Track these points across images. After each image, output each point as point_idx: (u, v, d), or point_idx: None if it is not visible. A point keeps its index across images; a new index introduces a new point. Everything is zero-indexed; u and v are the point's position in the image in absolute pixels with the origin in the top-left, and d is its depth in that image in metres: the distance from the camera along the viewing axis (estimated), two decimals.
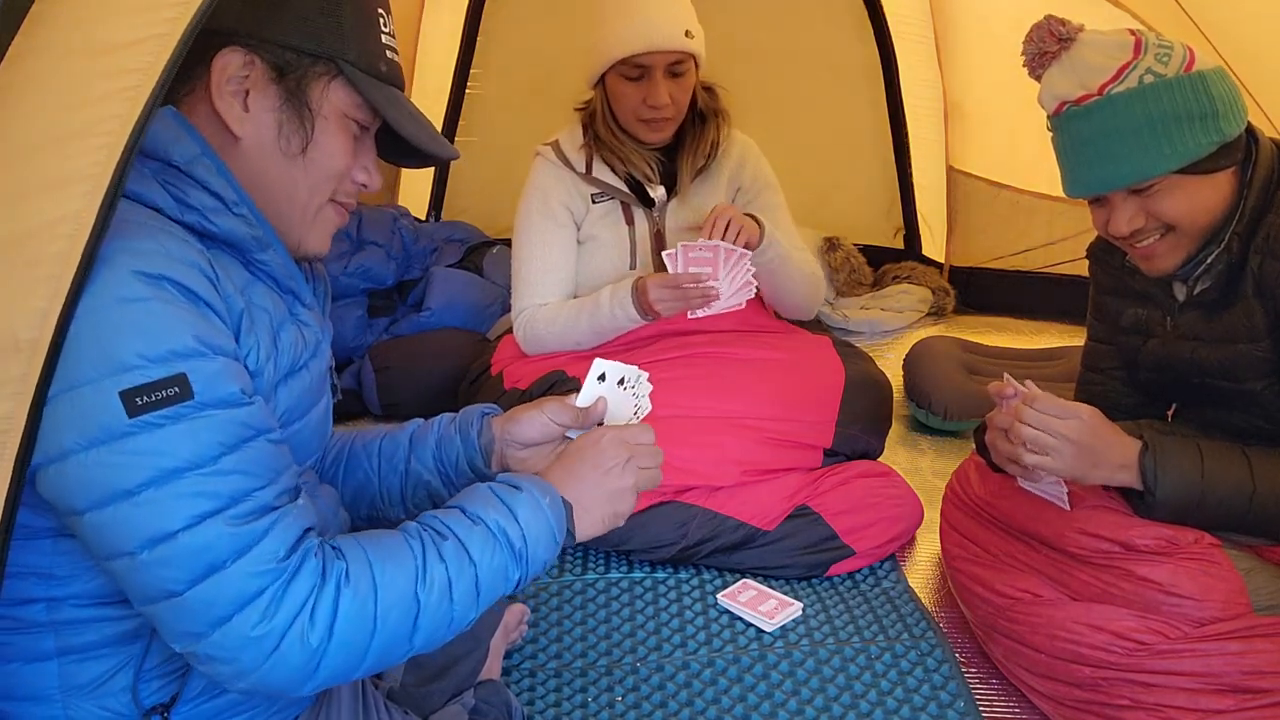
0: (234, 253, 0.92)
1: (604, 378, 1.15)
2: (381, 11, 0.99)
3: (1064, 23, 1.34)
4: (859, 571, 1.85)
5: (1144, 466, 1.34)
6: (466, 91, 3.51)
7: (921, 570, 1.88)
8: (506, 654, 1.56)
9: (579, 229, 2.11)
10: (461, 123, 3.54)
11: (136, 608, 0.84)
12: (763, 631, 1.65)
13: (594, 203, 2.10)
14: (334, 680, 0.87)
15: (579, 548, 1.91)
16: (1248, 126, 1.34)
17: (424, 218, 3.57)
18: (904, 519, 1.90)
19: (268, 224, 0.95)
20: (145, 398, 0.78)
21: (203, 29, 0.79)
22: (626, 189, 2.09)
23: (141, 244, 0.80)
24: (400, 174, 3.56)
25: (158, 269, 0.80)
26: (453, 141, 3.51)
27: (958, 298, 3.40)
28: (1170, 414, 1.62)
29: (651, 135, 2.04)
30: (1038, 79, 1.38)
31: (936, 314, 3.35)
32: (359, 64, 0.96)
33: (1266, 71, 2.03)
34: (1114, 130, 1.29)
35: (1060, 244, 3.22)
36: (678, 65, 1.96)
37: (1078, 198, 1.39)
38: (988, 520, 1.63)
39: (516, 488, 0.98)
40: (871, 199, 3.54)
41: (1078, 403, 1.37)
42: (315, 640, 0.83)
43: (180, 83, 0.92)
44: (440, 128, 3.50)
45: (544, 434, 1.15)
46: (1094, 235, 1.51)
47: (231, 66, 0.91)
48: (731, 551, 1.81)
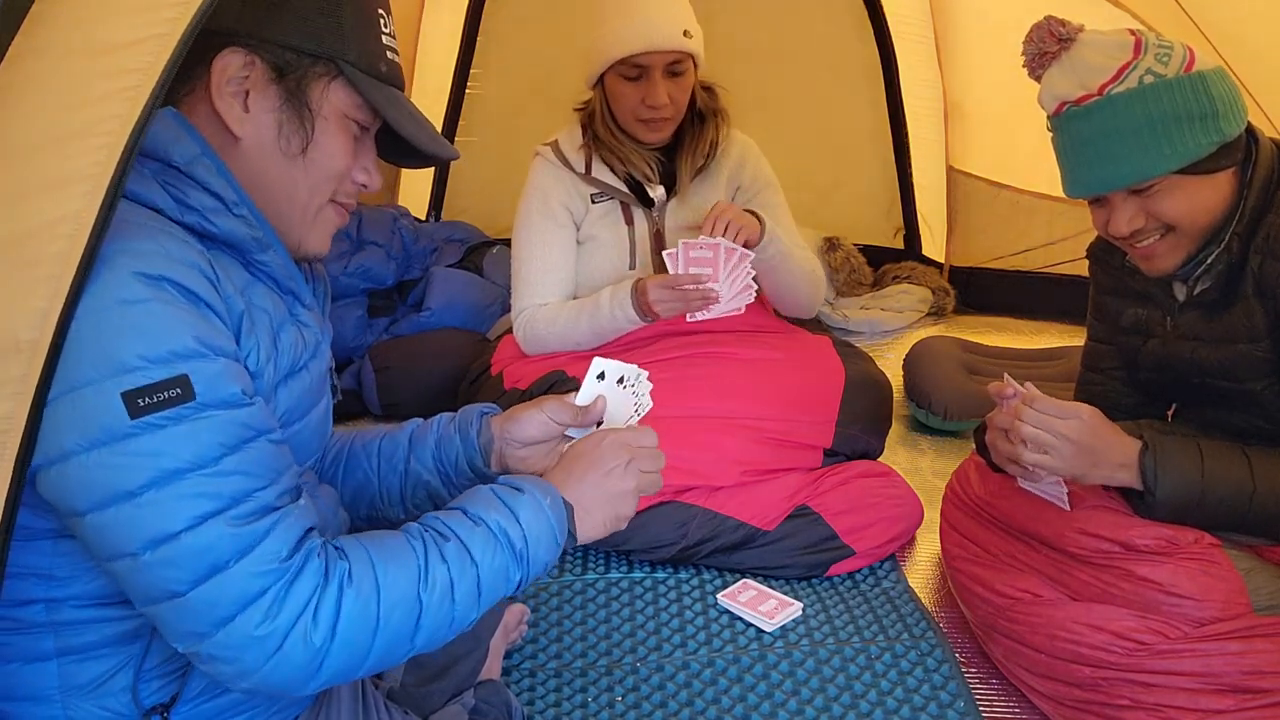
0: (234, 253, 0.92)
1: (603, 376, 1.15)
2: (382, 12, 0.99)
3: (1064, 23, 1.34)
4: (859, 571, 1.85)
5: (1144, 466, 1.34)
6: (466, 91, 3.51)
7: (921, 570, 1.88)
8: (506, 654, 1.56)
9: (578, 229, 2.11)
10: (461, 123, 3.54)
11: (139, 608, 0.84)
12: (763, 631, 1.65)
13: (593, 203, 2.10)
14: (336, 680, 0.87)
15: (579, 548, 1.90)
16: (1248, 126, 1.34)
17: (424, 218, 3.57)
18: (904, 519, 1.90)
19: (268, 224, 0.95)
20: (147, 399, 0.78)
21: (203, 29, 0.79)
22: (626, 189, 2.09)
23: (141, 245, 0.80)
24: (400, 174, 3.56)
25: (158, 270, 0.80)
26: (453, 141, 3.51)
27: (958, 298, 3.40)
28: (1170, 414, 1.62)
29: (651, 135, 2.04)
30: (1038, 79, 1.38)
31: (936, 314, 3.35)
32: (359, 64, 0.96)
33: (1266, 71, 2.03)
34: (1114, 130, 1.29)
35: (1060, 244, 3.22)
36: (676, 65, 1.96)
37: (1078, 198, 1.39)
38: (988, 520, 1.63)
39: (518, 489, 0.98)
40: (871, 199, 3.54)
41: (1077, 402, 1.37)
42: (318, 640, 0.83)
43: (180, 83, 0.92)
44: (440, 128, 3.50)
45: (543, 433, 1.15)
46: (1094, 235, 1.51)
47: (232, 67, 0.91)
48: (731, 551, 1.81)
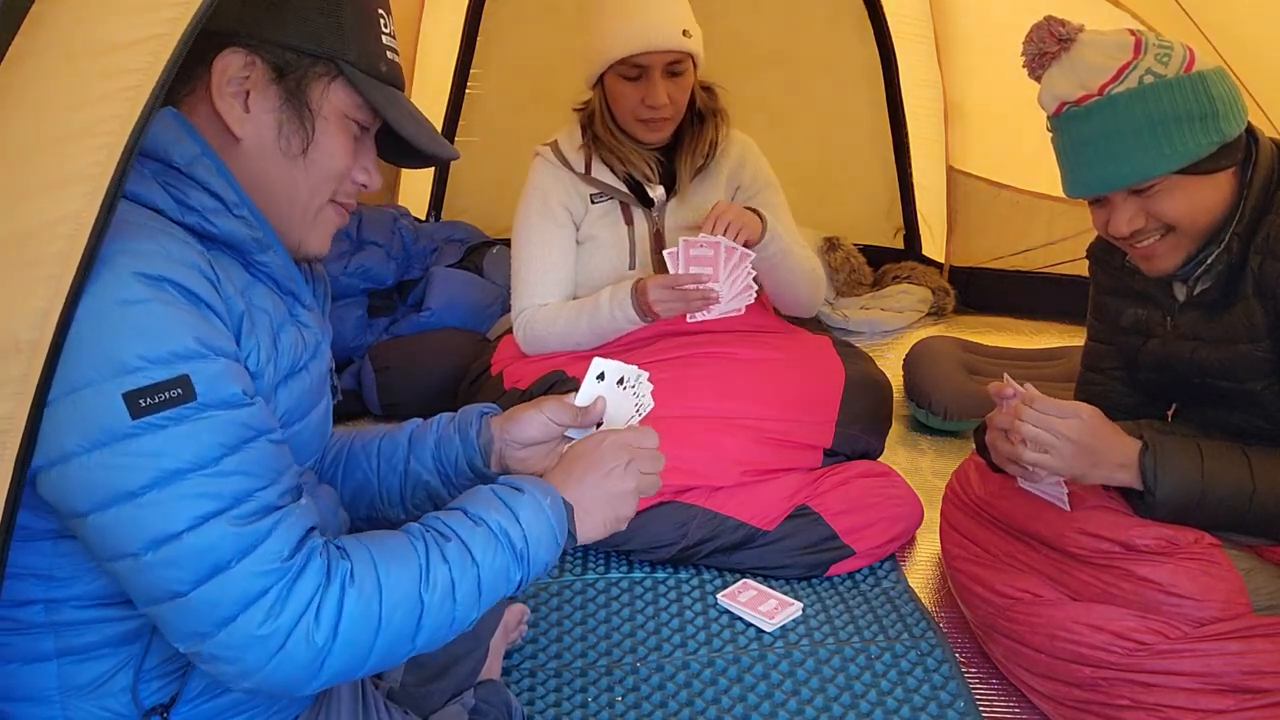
0: (234, 254, 0.92)
1: (603, 377, 1.15)
2: (382, 12, 0.99)
3: (1064, 23, 1.34)
4: (859, 571, 1.85)
5: (1144, 466, 1.34)
6: (466, 91, 3.52)
7: (921, 570, 1.88)
8: (506, 654, 1.56)
9: (578, 229, 2.11)
10: (461, 123, 3.54)
11: (140, 609, 0.84)
12: (763, 631, 1.65)
13: (593, 203, 2.10)
14: (338, 679, 0.87)
15: (579, 548, 1.90)
16: (1248, 126, 1.34)
17: (424, 218, 3.57)
18: (904, 519, 1.90)
19: (268, 225, 0.95)
20: (148, 399, 0.78)
21: (203, 29, 0.79)
22: (626, 189, 2.09)
23: (142, 245, 0.80)
24: (400, 174, 3.56)
25: (158, 270, 0.80)
26: (453, 141, 3.51)
27: (958, 298, 3.40)
28: (1170, 414, 1.62)
29: (650, 135, 2.04)
30: (1038, 79, 1.38)
31: (936, 314, 3.36)
32: (359, 64, 0.96)
33: (1266, 71, 2.04)
34: (1114, 131, 1.29)
35: (1060, 244, 3.22)
36: (676, 65, 1.96)
37: (1078, 198, 1.39)
38: (988, 520, 1.63)
39: (518, 489, 0.98)
40: (871, 199, 3.54)
41: (1077, 402, 1.37)
42: (320, 639, 0.83)
43: (180, 83, 0.92)
44: (440, 128, 3.50)
45: (543, 433, 1.15)
46: (1094, 235, 1.51)
47: (232, 67, 0.91)
48: (731, 551, 1.81)
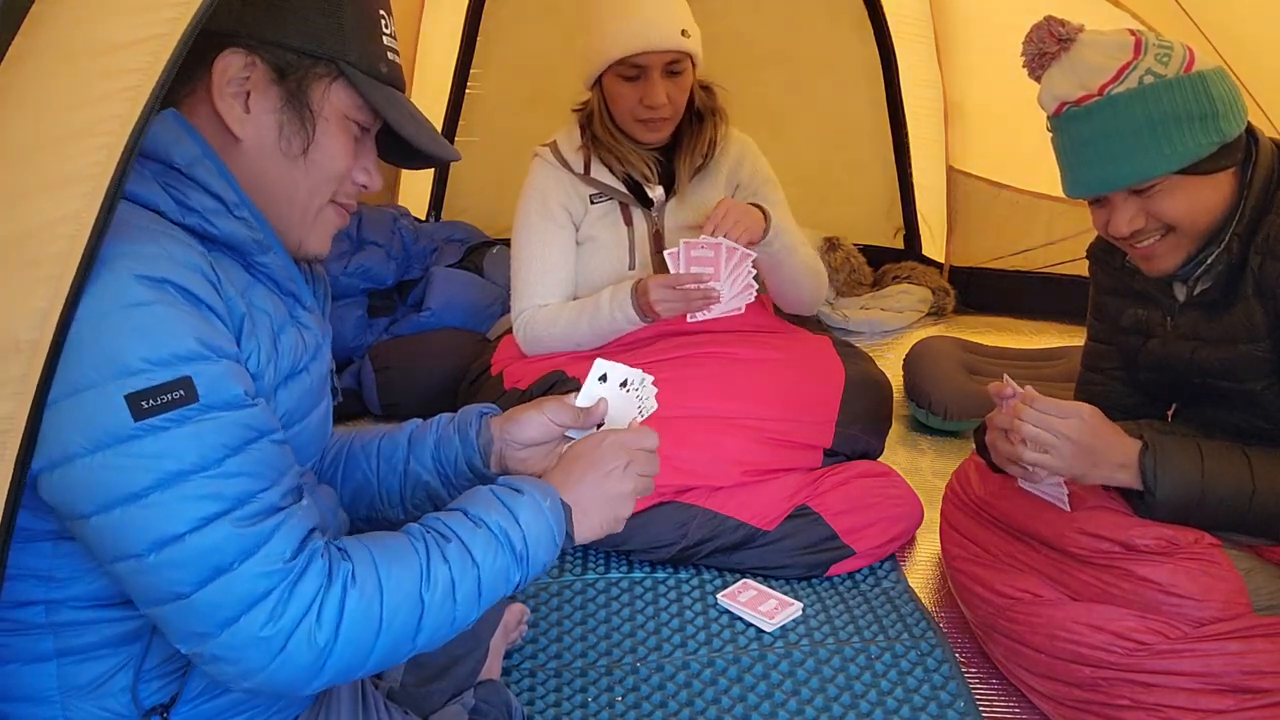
0: (234, 255, 0.92)
1: (605, 379, 1.14)
2: (383, 13, 0.99)
3: (1064, 23, 1.34)
4: (859, 571, 1.85)
5: (1144, 466, 1.34)
6: (466, 91, 3.51)
7: (921, 570, 1.88)
8: (506, 654, 1.56)
9: (578, 230, 2.11)
10: (461, 123, 3.54)
11: (142, 609, 0.84)
12: (763, 631, 1.65)
13: (592, 203, 2.09)
14: (339, 679, 0.87)
15: (579, 548, 1.91)
16: (1248, 127, 1.34)
17: (424, 218, 3.57)
18: (904, 519, 1.90)
19: (268, 226, 0.95)
20: (150, 401, 0.78)
21: (203, 29, 0.79)
22: (625, 189, 2.09)
23: (143, 247, 0.80)
24: (400, 174, 3.55)
25: (160, 272, 0.80)
26: (453, 141, 3.51)
27: (958, 298, 3.40)
28: (1170, 414, 1.62)
29: (649, 135, 2.04)
30: (1038, 79, 1.38)
31: (936, 314, 3.36)
32: (360, 65, 0.96)
33: (1266, 71, 2.04)
34: (1114, 131, 1.29)
35: (1060, 244, 3.22)
36: (674, 65, 1.96)
37: (1078, 198, 1.39)
38: (988, 520, 1.63)
39: (518, 491, 0.98)
40: (871, 199, 3.54)
41: (1078, 402, 1.37)
42: (322, 640, 0.83)
43: (181, 84, 0.92)
44: (440, 128, 3.50)
45: (543, 434, 1.15)
46: (1094, 235, 1.51)
47: (233, 68, 0.91)
48: (731, 551, 1.81)
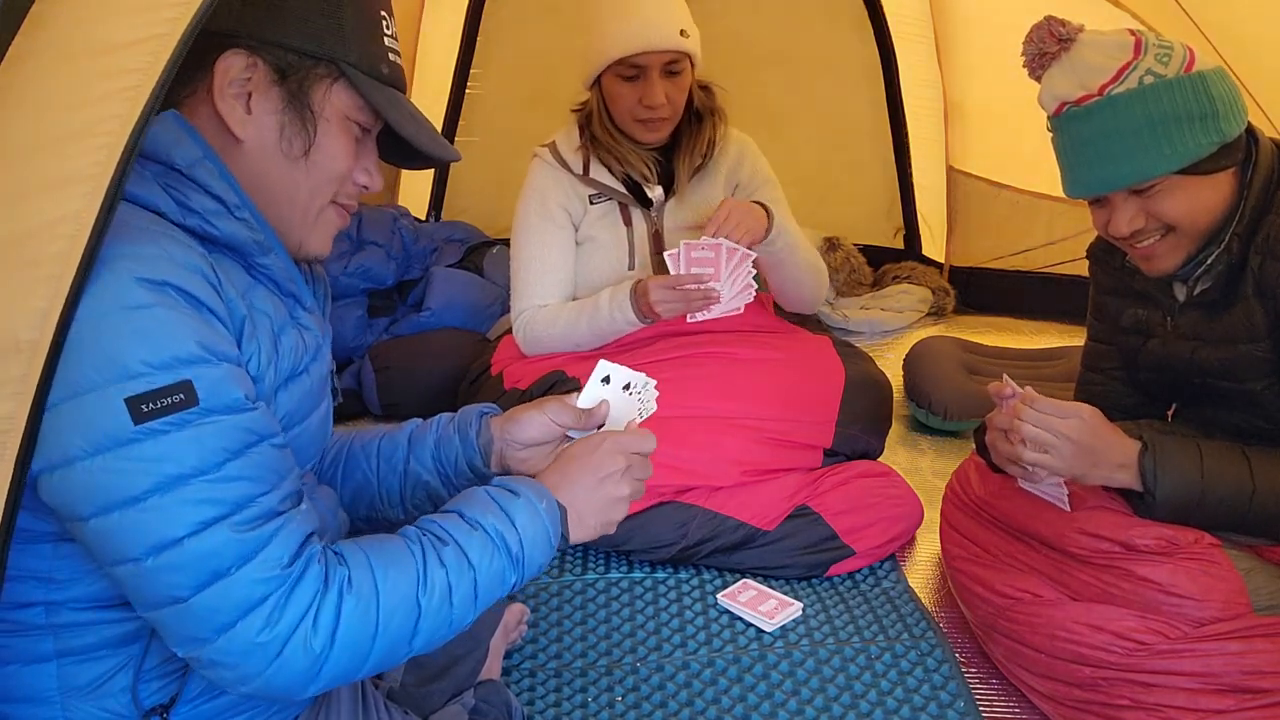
0: (235, 256, 0.92)
1: (608, 380, 1.14)
2: (384, 13, 0.99)
3: (1064, 23, 1.34)
4: (859, 571, 1.85)
5: (1144, 467, 1.34)
6: (466, 91, 3.51)
7: (921, 570, 1.88)
8: (506, 654, 1.56)
9: (577, 230, 2.11)
10: (461, 123, 3.54)
11: (140, 612, 0.84)
12: (763, 631, 1.65)
13: (592, 204, 2.09)
14: (336, 683, 0.87)
15: (579, 547, 1.91)
16: (1248, 127, 1.34)
17: (424, 218, 3.57)
18: (904, 519, 1.90)
19: (269, 227, 0.95)
20: (150, 404, 0.78)
21: (204, 30, 0.79)
22: (624, 190, 2.09)
23: (143, 249, 0.80)
24: (400, 174, 3.55)
25: (161, 275, 0.80)
26: (452, 142, 3.51)
27: (958, 298, 3.40)
28: (1170, 414, 1.62)
29: (648, 135, 2.04)
30: (1038, 79, 1.38)
31: (936, 314, 3.36)
32: (361, 66, 0.96)
33: (1266, 71, 2.04)
34: (1114, 131, 1.29)
35: (1060, 244, 3.22)
36: (673, 65, 1.96)
37: (1078, 198, 1.39)
38: (988, 520, 1.63)
39: (514, 493, 0.98)
40: (871, 199, 3.54)
41: (1078, 402, 1.37)
42: (318, 646, 0.83)
43: (182, 85, 0.92)
44: (440, 128, 3.50)
45: (545, 434, 1.15)
46: (1094, 235, 1.51)
47: (234, 69, 0.91)
48: (731, 551, 1.81)
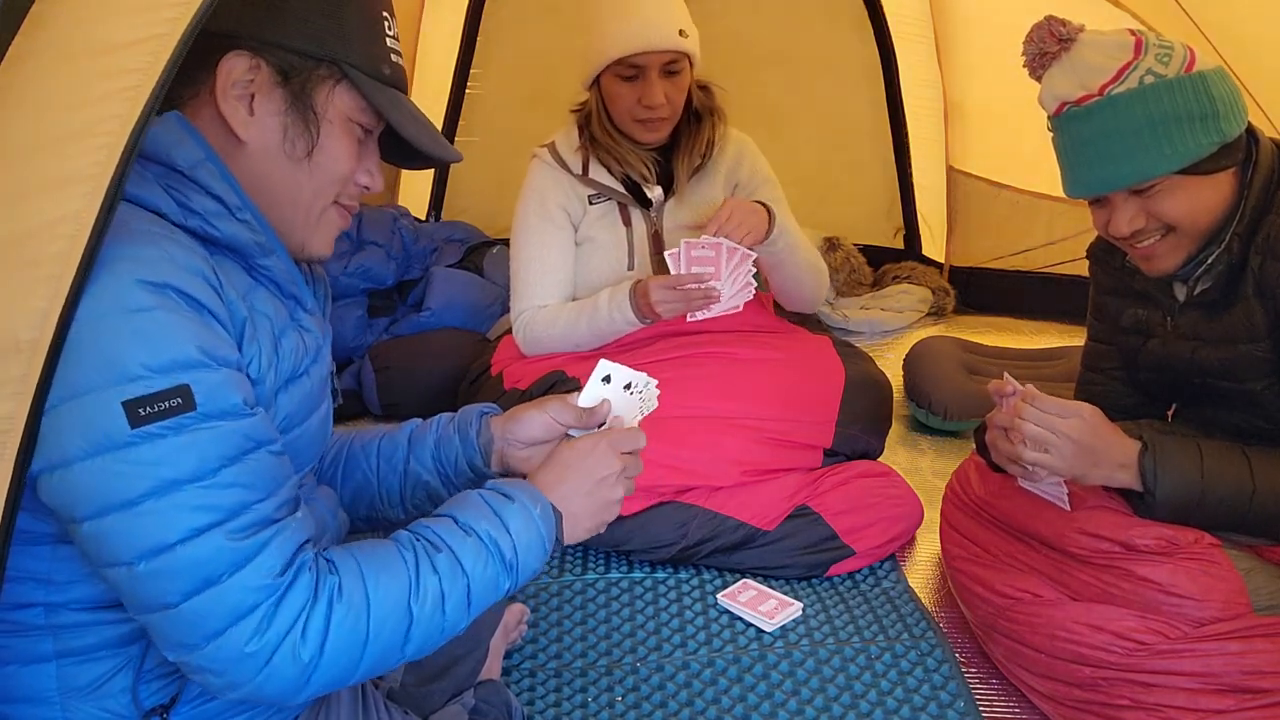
0: (236, 258, 0.92)
1: (609, 380, 1.13)
2: (385, 14, 0.99)
3: (1064, 23, 1.34)
4: (859, 571, 1.85)
5: (1144, 467, 1.34)
6: (466, 91, 3.51)
7: (921, 570, 1.88)
8: (506, 654, 1.56)
9: (576, 230, 2.11)
10: (461, 123, 3.54)
11: (132, 615, 0.84)
12: (763, 631, 1.65)
13: (591, 204, 2.09)
14: (327, 690, 0.87)
15: (579, 547, 1.91)
16: (1248, 127, 1.34)
17: (424, 218, 3.57)
18: (904, 519, 1.90)
19: (270, 228, 0.95)
20: (148, 408, 0.78)
21: (205, 31, 0.79)
22: (623, 190, 2.09)
23: (145, 251, 0.80)
24: (400, 174, 3.55)
25: (162, 277, 0.80)
26: (452, 142, 3.51)
27: (958, 298, 3.40)
28: (1170, 414, 1.62)
29: (647, 135, 2.04)
30: (1038, 79, 1.38)
31: (936, 314, 3.36)
32: (363, 67, 0.96)
33: (1266, 71, 2.04)
34: (1114, 131, 1.29)
35: (1060, 244, 3.22)
36: (672, 65, 1.96)
37: (1078, 198, 1.38)
38: (988, 520, 1.63)
39: (508, 497, 0.98)
40: (871, 199, 3.54)
41: (1079, 401, 1.37)
42: (307, 655, 0.83)
43: (184, 86, 0.92)
44: (440, 128, 3.50)
45: (546, 432, 1.15)
46: (1094, 235, 1.51)
47: (237, 70, 0.91)
48: (731, 551, 1.81)
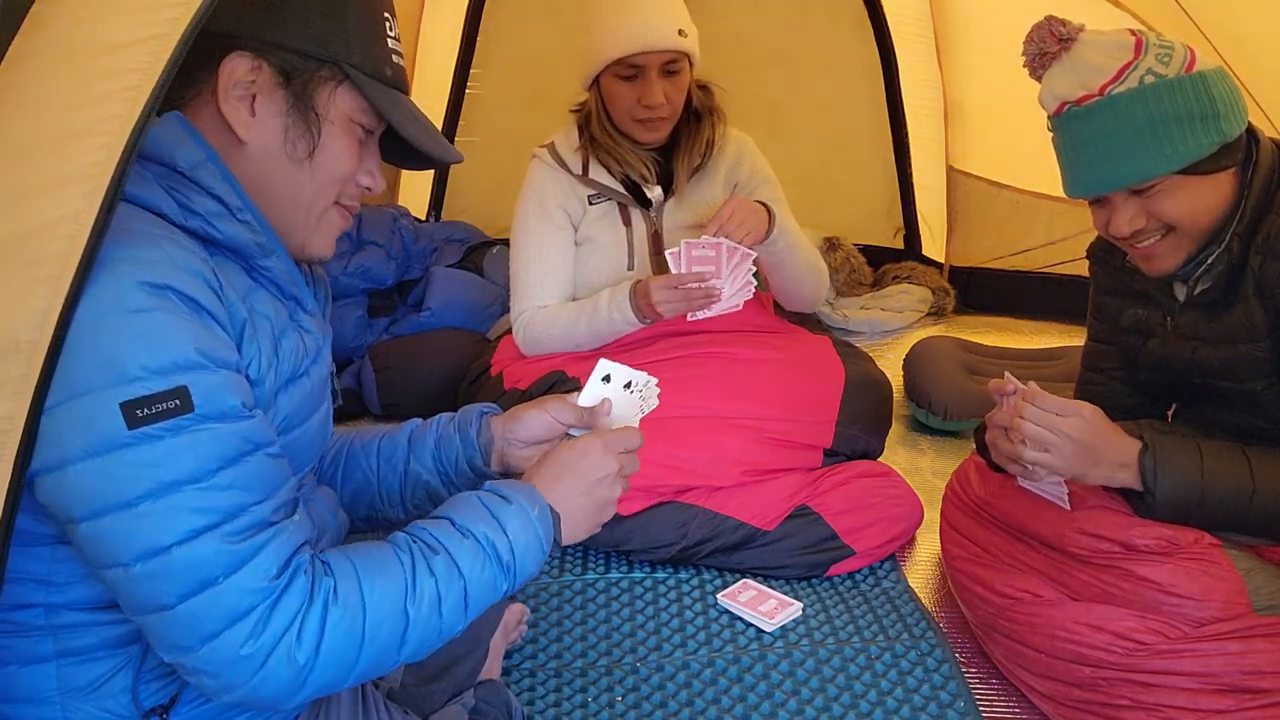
0: (237, 259, 0.92)
1: (609, 379, 1.13)
2: (387, 15, 0.99)
3: (1064, 23, 1.34)
4: (859, 571, 1.85)
5: (1144, 467, 1.34)
6: (466, 91, 3.52)
7: (921, 570, 1.88)
8: (506, 654, 1.56)
9: (576, 231, 2.11)
10: (461, 123, 3.54)
11: (128, 616, 0.84)
12: (763, 631, 1.65)
13: (591, 204, 2.09)
14: (323, 693, 0.87)
15: (579, 547, 1.91)
16: (1248, 127, 1.34)
17: (424, 218, 3.57)
18: (904, 519, 1.90)
19: (271, 229, 0.95)
20: (145, 410, 0.78)
21: (205, 31, 0.79)
22: (623, 190, 2.09)
23: (145, 252, 0.80)
24: (400, 174, 3.55)
25: (162, 279, 0.80)
26: (453, 141, 3.51)
27: (958, 298, 3.40)
28: (1170, 414, 1.62)
29: (647, 135, 2.04)
30: (1038, 79, 1.38)
31: (936, 314, 3.36)
32: (364, 68, 0.96)
33: (1266, 71, 2.04)
34: (1115, 131, 1.29)
35: (1060, 244, 3.22)
36: (672, 64, 1.96)
37: (1078, 198, 1.38)
38: (988, 520, 1.63)
39: (506, 499, 0.97)
40: (871, 199, 3.55)
41: (1079, 401, 1.37)
42: (302, 658, 0.83)
43: (186, 87, 0.92)
44: (440, 128, 3.50)
45: (547, 432, 1.15)
46: (1094, 235, 1.51)
47: (239, 71, 0.91)
48: (731, 551, 1.81)
